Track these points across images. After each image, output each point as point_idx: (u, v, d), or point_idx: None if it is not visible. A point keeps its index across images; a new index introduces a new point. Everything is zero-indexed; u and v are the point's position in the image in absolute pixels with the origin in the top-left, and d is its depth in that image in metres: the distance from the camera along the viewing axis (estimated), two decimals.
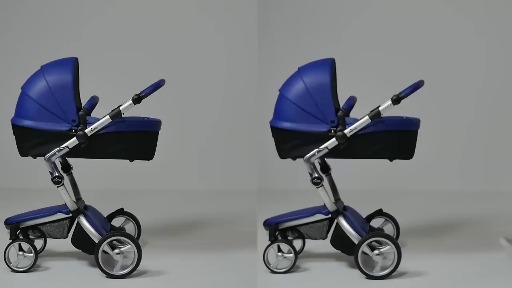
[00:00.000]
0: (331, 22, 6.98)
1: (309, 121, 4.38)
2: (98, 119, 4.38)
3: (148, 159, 4.49)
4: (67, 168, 4.63)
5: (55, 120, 4.39)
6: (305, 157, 4.43)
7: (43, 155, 4.41)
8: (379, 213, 4.87)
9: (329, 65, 4.42)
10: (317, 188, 4.45)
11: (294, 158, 4.48)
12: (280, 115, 4.47)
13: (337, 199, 4.65)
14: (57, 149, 4.37)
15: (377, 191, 6.60)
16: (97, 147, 4.39)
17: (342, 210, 4.53)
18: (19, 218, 4.58)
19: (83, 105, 4.45)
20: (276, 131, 4.47)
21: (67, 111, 4.38)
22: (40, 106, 4.42)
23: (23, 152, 4.55)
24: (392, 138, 4.39)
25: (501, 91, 6.71)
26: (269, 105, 7.03)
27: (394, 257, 4.32)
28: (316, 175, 4.44)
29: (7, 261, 4.44)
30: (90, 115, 4.51)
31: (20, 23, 7.07)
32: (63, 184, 4.48)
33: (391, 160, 4.47)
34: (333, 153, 4.39)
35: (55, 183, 4.48)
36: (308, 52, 6.84)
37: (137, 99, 4.44)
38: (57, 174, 4.48)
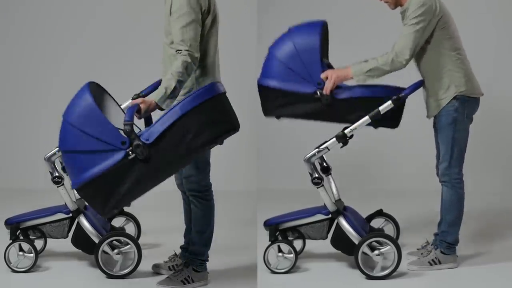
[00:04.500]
0: (331, 21, 6.97)
1: (296, 81, 4.41)
2: None
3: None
4: None
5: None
6: (305, 157, 4.43)
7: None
8: (380, 213, 4.86)
9: (320, 27, 4.45)
10: (317, 188, 4.44)
11: (278, 117, 4.52)
12: (268, 73, 4.49)
13: (337, 199, 4.64)
14: None
15: (378, 191, 6.60)
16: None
17: (343, 210, 4.52)
18: (20, 218, 4.58)
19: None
20: (262, 89, 4.50)
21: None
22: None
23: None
24: (378, 105, 4.36)
25: (504, 91, 6.72)
26: None
27: (394, 257, 4.32)
28: (317, 175, 4.44)
29: (7, 261, 4.44)
30: None
31: (21, 23, 7.07)
32: (63, 184, 4.49)
33: (375, 127, 4.47)
34: (319, 116, 4.45)
35: (55, 183, 4.49)
36: None
37: (137, 99, 4.44)
38: (57, 174, 4.49)
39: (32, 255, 4.44)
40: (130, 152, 3.69)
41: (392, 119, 4.46)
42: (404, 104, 4.42)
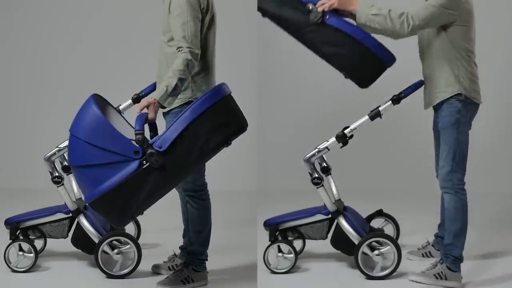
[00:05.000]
0: None
1: None
2: None
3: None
4: (67, 168, 4.63)
5: None
6: (305, 157, 4.43)
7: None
8: (379, 213, 4.86)
9: None
10: (317, 188, 4.44)
11: (260, 10, 4.22)
12: None
13: (337, 199, 4.64)
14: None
15: (377, 191, 6.60)
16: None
17: (342, 210, 4.52)
18: (19, 218, 4.58)
19: None
20: None
21: None
22: None
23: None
24: (360, 54, 4.11)
25: (504, 92, 6.72)
26: (269, 105, 7.04)
27: (394, 257, 4.32)
28: (316, 175, 4.44)
29: (7, 261, 4.44)
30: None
31: (21, 23, 7.08)
32: (63, 184, 4.49)
33: (345, 76, 4.20)
34: (297, 31, 4.13)
35: (55, 183, 4.49)
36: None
37: (136, 99, 4.45)
38: (57, 174, 4.49)
39: (32, 255, 4.44)
40: (144, 162, 3.66)
41: (363, 76, 4.18)
42: (384, 70, 4.17)
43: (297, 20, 4.11)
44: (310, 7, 4.07)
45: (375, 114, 4.33)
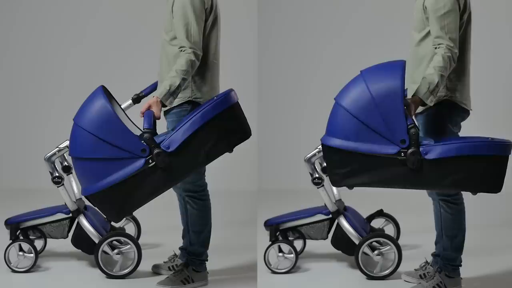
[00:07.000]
0: (332, 21, 6.97)
1: (372, 140, 3.54)
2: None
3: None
4: (67, 168, 4.62)
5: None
6: (305, 157, 4.43)
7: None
8: (380, 213, 4.86)
9: (401, 68, 3.56)
10: (317, 188, 4.44)
11: (351, 187, 3.69)
12: (335, 131, 3.62)
13: (337, 199, 4.64)
14: None
15: (378, 191, 6.57)
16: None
17: (343, 210, 4.52)
18: (20, 218, 4.58)
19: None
20: (329, 151, 3.64)
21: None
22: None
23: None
24: (479, 165, 3.57)
25: (501, 94, 6.72)
26: (269, 105, 7.04)
27: (395, 257, 4.32)
28: (317, 175, 4.44)
29: (7, 261, 4.43)
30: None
31: (21, 23, 7.07)
32: (63, 184, 4.49)
33: (474, 193, 3.71)
34: (402, 182, 3.62)
35: (55, 183, 4.48)
36: (310, 50, 6.83)
37: (136, 99, 4.44)
38: (57, 174, 4.49)
39: (32, 255, 4.44)
40: (150, 160, 3.68)
41: (494, 182, 3.63)
42: (507, 160, 3.61)
43: (395, 175, 3.59)
44: (402, 154, 3.52)
45: None
